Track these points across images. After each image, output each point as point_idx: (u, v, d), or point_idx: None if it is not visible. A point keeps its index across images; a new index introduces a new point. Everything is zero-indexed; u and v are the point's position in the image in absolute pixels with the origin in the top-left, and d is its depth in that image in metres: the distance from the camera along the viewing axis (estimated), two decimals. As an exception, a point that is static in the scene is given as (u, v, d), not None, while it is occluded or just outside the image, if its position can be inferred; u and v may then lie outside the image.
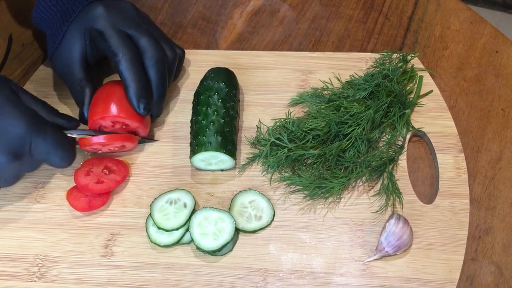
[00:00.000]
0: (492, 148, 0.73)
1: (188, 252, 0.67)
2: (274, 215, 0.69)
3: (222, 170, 0.73)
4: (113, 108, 0.70)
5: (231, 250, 0.67)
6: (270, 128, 0.73)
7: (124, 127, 0.72)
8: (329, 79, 0.79)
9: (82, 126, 0.74)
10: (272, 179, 0.71)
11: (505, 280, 0.64)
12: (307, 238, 0.67)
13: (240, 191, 0.70)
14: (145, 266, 0.67)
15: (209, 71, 0.77)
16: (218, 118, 0.71)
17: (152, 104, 0.72)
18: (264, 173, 0.72)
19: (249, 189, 0.70)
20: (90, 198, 0.70)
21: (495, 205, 0.69)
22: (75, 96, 0.75)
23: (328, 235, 0.67)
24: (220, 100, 0.72)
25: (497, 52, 0.81)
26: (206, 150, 0.69)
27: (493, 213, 0.69)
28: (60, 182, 0.73)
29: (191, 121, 0.74)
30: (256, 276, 0.65)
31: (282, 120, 0.74)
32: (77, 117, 0.75)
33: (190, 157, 0.70)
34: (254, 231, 0.68)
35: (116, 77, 0.78)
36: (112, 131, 0.72)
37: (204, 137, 0.69)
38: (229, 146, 0.70)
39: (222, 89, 0.73)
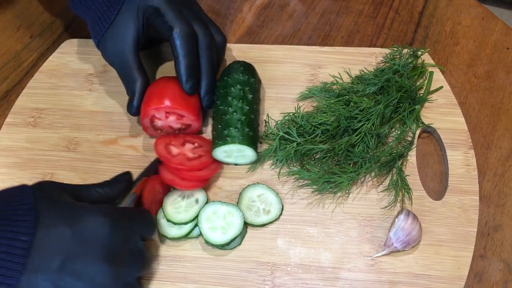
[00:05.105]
0: (502, 145, 0.73)
1: (196, 245, 0.67)
2: (282, 209, 0.69)
3: (236, 164, 0.72)
4: (169, 99, 0.69)
5: (239, 244, 0.67)
6: (279, 122, 0.73)
7: (178, 119, 0.71)
8: (339, 74, 0.78)
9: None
10: (280, 173, 0.71)
11: (513, 277, 0.64)
12: (315, 233, 0.67)
13: (248, 185, 0.70)
14: (153, 258, 0.67)
15: (236, 63, 0.76)
16: (249, 113, 0.71)
17: (203, 93, 0.72)
18: (273, 167, 0.72)
19: (257, 183, 0.70)
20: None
21: (504, 203, 0.69)
22: (126, 85, 0.73)
23: (337, 230, 0.67)
24: (251, 96, 0.72)
25: (508, 49, 0.81)
26: (235, 143, 0.68)
27: (502, 210, 0.68)
28: (68, 173, 0.73)
29: (215, 110, 0.73)
30: (264, 270, 0.65)
31: (291, 114, 0.73)
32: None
33: (215, 147, 0.69)
34: (263, 225, 0.68)
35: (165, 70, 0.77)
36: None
37: (235, 130, 0.68)
38: (256, 142, 0.70)
39: (252, 84, 0.73)
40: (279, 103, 0.77)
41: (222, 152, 0.70)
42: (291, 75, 0.79)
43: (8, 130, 0.77)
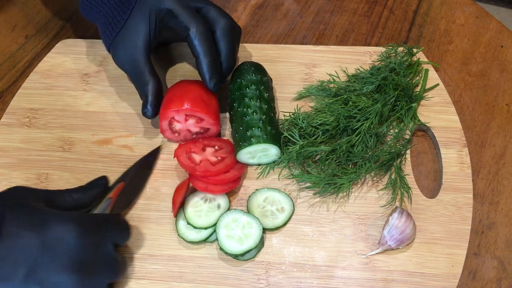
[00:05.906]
0: (496, 143, 0.73)
1: (190, 244, 0.67)
2: (293, 202, 0.69)
3: (259, 165, 0.72)
4: (189, 102, 0.69)
5: (253, 257, 0.66)
6: (280, 122, 0.73)
7: (198, 123, 0.71)
8: (336, 72, 0.78)
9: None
10: (281, 176, 0.71)
11: (507, 275, 0.64)
12: (310, 232, 0.67)
13: (249, 196, 0.69)
14: (148, 258, 0.67)
15: (245, 64, 0.75)
16: (268, 112, 0.71)
17: (222, 73, 0.72)
18: (276, 166, 0.72)
19: (256, 189, 0.70)
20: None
21: (498, 200, 0.69)
22: (138, 88, 0.72)
23: (331, 228, 0.67)
24: (267, 94, 0.72)
25: (502, 47, 0.81)
26: (260, 143, 0.67)
27: (496, 208, 0.69)
28: (63, 173, 0.73)
29: (233, 113, 0.72)
30: (259, 268, 0.65)
31: (291, 114, 0.73)
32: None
33: (240, 149, 0.68)
34: (285, 224, 0.67)
35: (176, 71, 0.78)
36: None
37: (258, 129, 0.68)
38: (280, 140, 0.70)
39: (266, 83, 0.74)
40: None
41: (246, 154, 0.69)
42: (286, 74, 0.80)
43: (3, 131, 0.78)
